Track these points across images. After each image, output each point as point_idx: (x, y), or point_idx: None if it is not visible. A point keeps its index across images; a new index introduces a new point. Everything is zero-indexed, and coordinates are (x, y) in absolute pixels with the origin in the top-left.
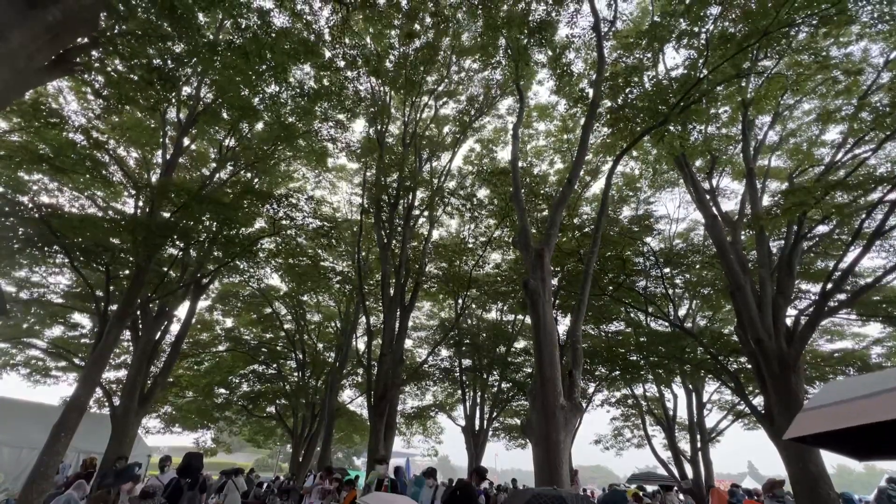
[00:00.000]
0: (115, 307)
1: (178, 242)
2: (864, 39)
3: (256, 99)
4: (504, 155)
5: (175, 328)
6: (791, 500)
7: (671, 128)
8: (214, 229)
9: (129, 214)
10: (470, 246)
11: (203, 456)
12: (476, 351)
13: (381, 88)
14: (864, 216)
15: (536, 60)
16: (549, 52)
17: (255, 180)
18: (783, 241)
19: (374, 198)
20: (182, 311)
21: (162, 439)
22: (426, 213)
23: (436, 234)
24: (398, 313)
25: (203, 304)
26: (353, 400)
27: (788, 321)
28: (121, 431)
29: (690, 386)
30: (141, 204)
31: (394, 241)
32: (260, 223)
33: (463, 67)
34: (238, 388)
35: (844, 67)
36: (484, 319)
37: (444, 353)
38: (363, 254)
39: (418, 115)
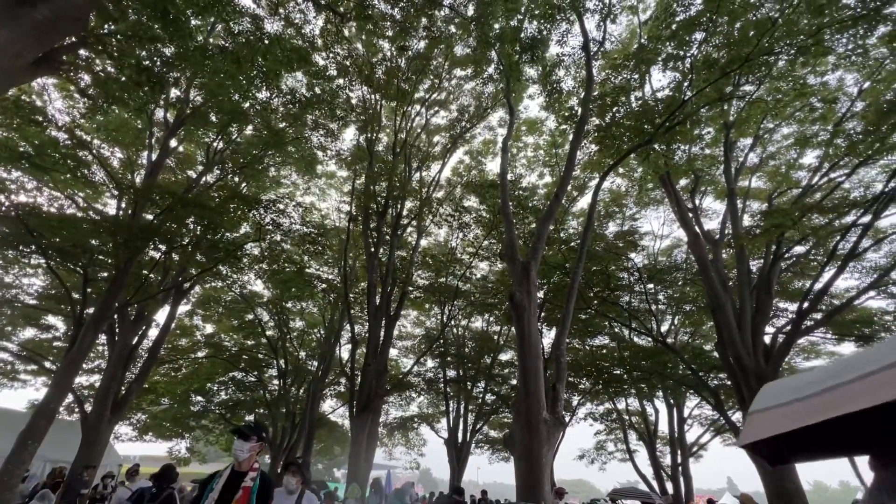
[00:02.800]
0: (91, 310)
1: (160, 246)
2: (840, 69)
3: (247, 104)
4: (493, 166)
5: (153, 333)
6: None
7: (656, 147)
8: (199, 233)
9: (111, 216)
10: (458, 256)
11: (175, 468)
12: (461, 362)
13: (373, 97)
14: (838, 238)
15: (527, 76)
16: (540, 69)
17: (243, 185)
18: (762, 261)
19: (362, 206)
20: (161, 315)
21: (133, 448)
22: (415, 223)
23: (424, 243)
24: (383, 322)
25: (183, 308)
26: (335, 410)
27: (766, 339)
28: (91, 439)
29: (672, 401)
30: (123, 205)
31: (381, 250)
32: (245, 228)
33: (455, 77)
34: (216, 395)
35: (821, 95)
36: (470, 329)
37: (430, 363)
38: (350, 262)
39: (409, 125)
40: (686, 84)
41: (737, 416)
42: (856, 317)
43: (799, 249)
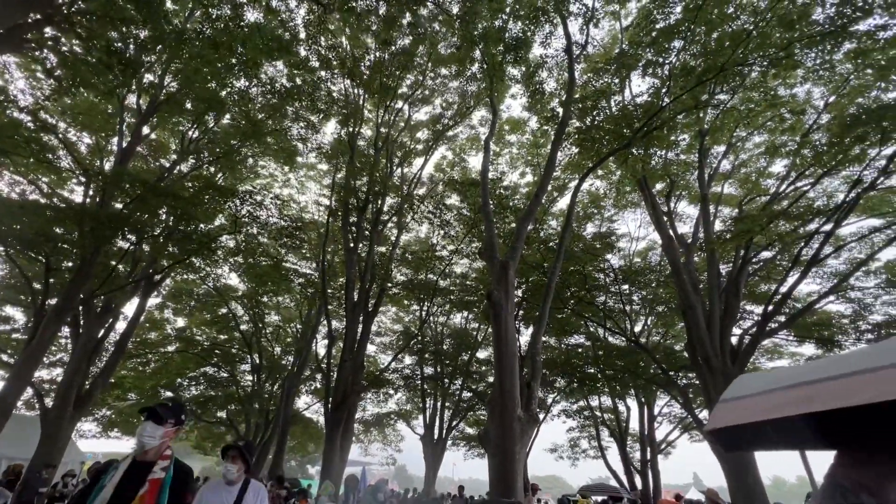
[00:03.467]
0: (53, 301)
1: (130, 236)
2: (808, 82)
3: (224, 92)
4: (475, 163)
5: (121, 326)
6: None
7: (634, 151)
8: (171, 224)
9: (77, 203)
10: (438, 253)
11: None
12: (439, 359)
13: (356, 91)
14: (802, 245)
15: (510, 75)
16: (523, 69)
17: (219, 175)
18: (731, 265)
19: (342, 200)
20: (130, 308)
21: (97, 445)
22: (395, 219)
23: (404, 239)
24: (361, 318)
25: (153, 301)
26: (310, 406)
27: (734, 340)
28: (52, 436)
29: (643, 399)
30: (91, 193)
31: (360, 245)
32: (221, 220)
33: (439, 75)
34: (186, 391)
35: (791, 106)
36: (449, 326)
37: (408, 360)
38: (328, 257)
39: (392, 120)
40: (664, 90)
41: (704, 414)
42: (816, 320)
43: (766, 254)
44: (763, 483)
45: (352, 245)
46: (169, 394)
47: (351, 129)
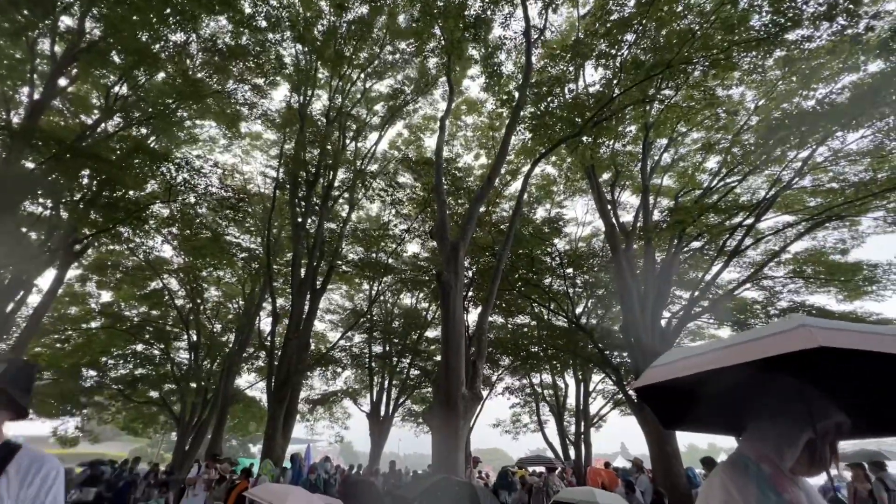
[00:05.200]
0: None
1: (43, 200)
2: (743, 85)
3: (157, 46)
4: (431, 143)
5: (34, 299)
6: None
7: (584, 139)
8: (94, 189)
9: None
10: (389, 232)
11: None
12: (388, 337)
13: (308, 57)
14: (727, 236)
15: (469, 55)
16: (483, 50)
17: (151, 138)
18: (665, 253)
19: (291, 173)
20: (45, 280)
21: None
22: (346, 195)
23: (355, 217)
24: (308, 296)
25: (73, 273)
26: (253, 385)
27: (663, 322)
28: None
29: (580, 376)
30: None
31: (309, 221)
32: (153, 186)
33: (397, 49)
34: (112, 370)
35: (726, 106)
36: (399, 305)
37: (357, 338)
38: (274, 231)
39: (347, 90)
40: (615, 82)
41: None
42: (733, 305)
43: (695, 244)
44: (679, 450)
45: (300, 220)
46: (92, 373)
47: (301, 98)
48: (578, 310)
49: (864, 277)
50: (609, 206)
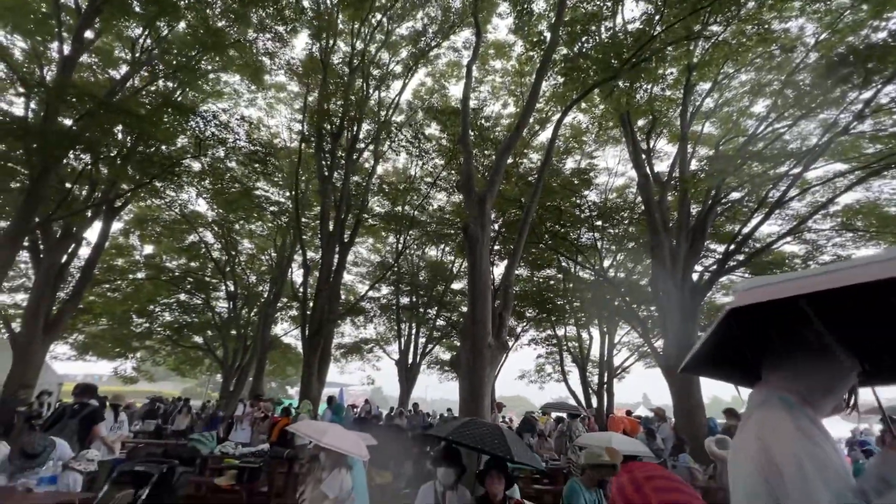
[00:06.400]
0: (5, 225)
1: (83, 156)
2: (803, 17)
3: None
4: (456, 91)
5: (85, 252)
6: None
7: (620, 84)
8: (129, 144)
9: (19, 117)
10: (415, 185)
11: (93, 388)
12: (414, 289)
13: (328, 1)
14: (770, 187)
15: None
16: None
17: (178, 92)
18: (701, 205)
19: (315, 125)
20: (93, 233)
21: (74, 367)
22: (371, 148)
23: (380, 170)
24: (336, 249)
25: (117, 226)
26: (288, 333)
27: (694, 276)
28: (24, 359)
29: (605, 329)
30: (34, 106)
31: (335, 174)
32: (184, 141)
33: None
34: (160, 317)
35: (782, 42)
36: (425, 258)
37: (385, 290)
38: (302, 185)
39: (369, 35)
40: (657, 18)
41: (659, 343)
42: (770, 259)
43: (735, 195)
44: (703, 401)
45: (326, 174)
46: (142, 320)
47: (323, 45)
48: (606, 263)
49: None
50: (644, 156)
